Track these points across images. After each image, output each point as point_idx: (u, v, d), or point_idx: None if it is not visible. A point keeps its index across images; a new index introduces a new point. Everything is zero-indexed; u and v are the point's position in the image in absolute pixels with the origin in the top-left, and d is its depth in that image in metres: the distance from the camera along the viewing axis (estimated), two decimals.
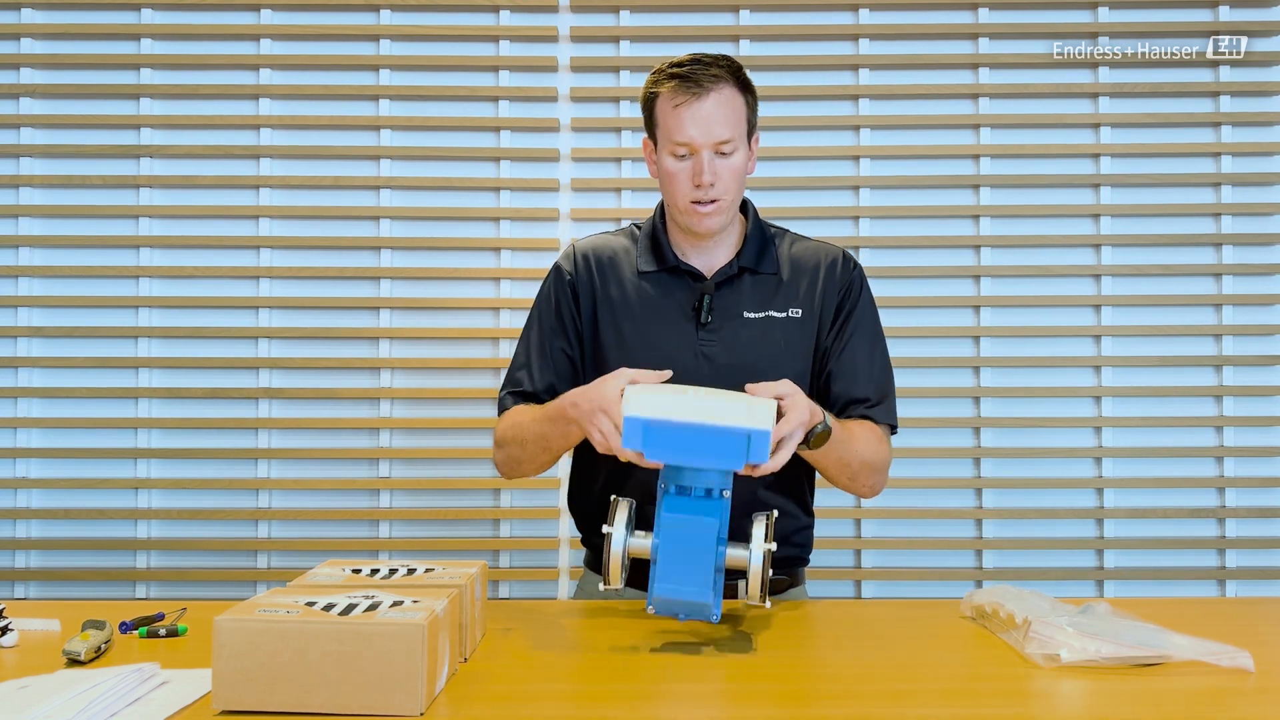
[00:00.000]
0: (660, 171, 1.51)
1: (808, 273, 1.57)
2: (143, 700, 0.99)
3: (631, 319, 1.54)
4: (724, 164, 1.47)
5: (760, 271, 1.55)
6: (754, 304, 1.53)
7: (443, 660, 1.03)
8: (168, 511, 2.37)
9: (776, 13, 2.44)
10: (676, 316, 1.53)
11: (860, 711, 1.00)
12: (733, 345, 1.51)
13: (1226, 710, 0.99)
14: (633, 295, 1.55)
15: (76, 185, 2.42)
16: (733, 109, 1.48)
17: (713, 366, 1.51)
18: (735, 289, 1.54)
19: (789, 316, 1.54)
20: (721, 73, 1.47)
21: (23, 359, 2.40)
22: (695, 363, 1.51)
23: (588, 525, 1.61)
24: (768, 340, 1.52)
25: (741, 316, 1.53)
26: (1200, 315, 2.42)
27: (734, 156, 1.48)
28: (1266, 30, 2.41)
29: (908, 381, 2.40)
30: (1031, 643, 1.14)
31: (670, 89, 1.47)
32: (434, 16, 2.45)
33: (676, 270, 1.55)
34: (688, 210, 1.49)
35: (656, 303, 1.54)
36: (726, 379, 1.48)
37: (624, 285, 1.56)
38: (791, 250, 1.60)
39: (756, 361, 1.50)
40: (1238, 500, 2.38)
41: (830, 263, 1.58)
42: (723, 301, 1.53)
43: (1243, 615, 1.44)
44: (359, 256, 2.43)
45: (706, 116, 1.45)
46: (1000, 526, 2.39)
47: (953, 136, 2.44)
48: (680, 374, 1.48)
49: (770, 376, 1.45)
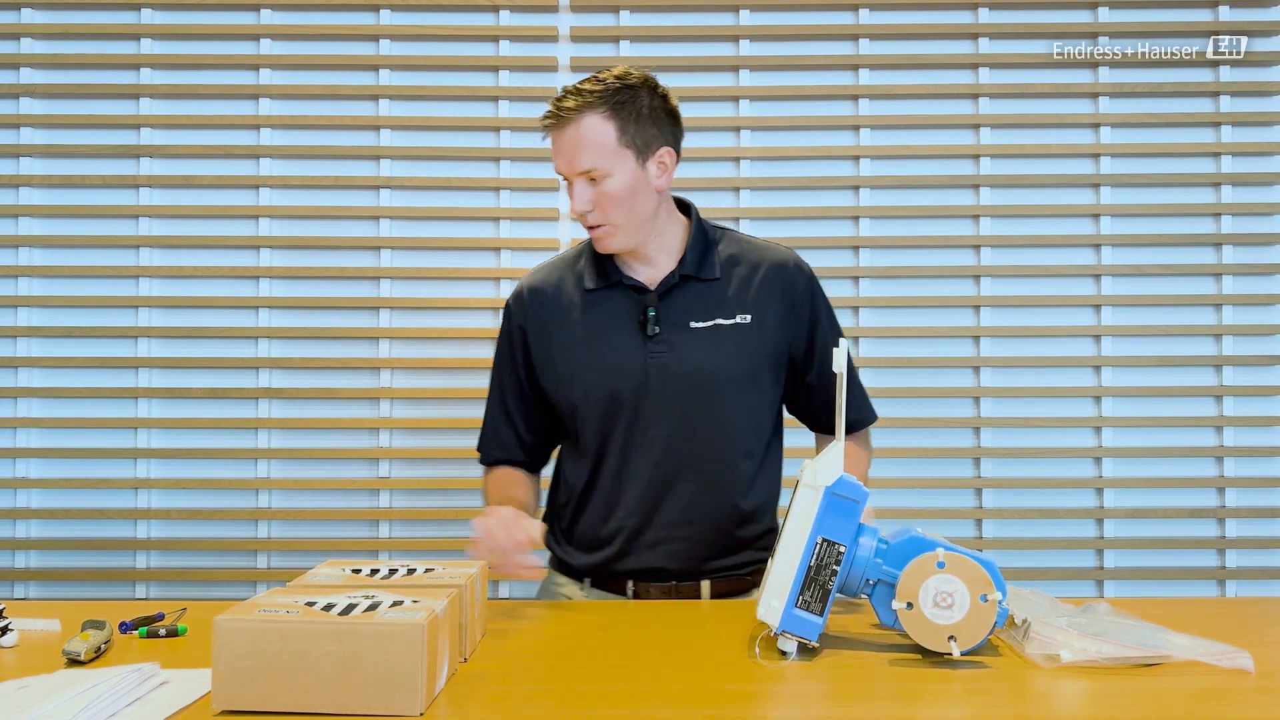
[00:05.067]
0: None
1: (753, 277, 1.57)
2: (143, 700, 0.99)
3: (581, 339, 1.55)
4: (599, 191, 1.47)
5: (703, 278, 1.55)
6: (700, 312, 1.54)
7: (443, 660, 1.03)
8: (168, 511, 2.37)
9: (776, 13, 2.44)
10: (624, 331, 1.54)
11: (860, 712, 1.00)
12: (683, 355, 1.52)
13: (1226, 710, 0.99)
14: (581, 316, 1.57)
15: (76, 185, 2.42)
16: (594, 136, 1.46)
17: (666, 377, 1.52)
18: (679, 298, 1.54)
19: (737, 323, 1.54)
20: (583, 100, 1.45)
21: (23, 359, 2.40)
22: (648, 375, 1.52)
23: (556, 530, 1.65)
24: (717, 349, 1.53)
25: (689, 326, 1.53)
26: (1200, 315, 2.42)
27: (608, 182, 1.47)
28: (1266, 30, 2.41)
29: (908, 381, 2.41)
30: (1031, 643, 1.14)
31: (544, 121, 1.49)
32: (434, 16, 2.45)
33: (620, 285, 1.56)
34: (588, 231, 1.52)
35: (604, 319, 1.56)
36: (679, 389, 1.51)
37: (571, 308, 1.58)
38: (739, 254, 1.59)
39: (708, 370, 1.52)
40: (1238, 500, 2.38)
41: (777, 268, 1.58)
42: (668, 312, 1.53)
43: (1243, 615, 1.43)
44: (359, 256, 2.43)
45: (568, 147, 1.47)
46: (1000, 526, 2.39)
47: (953, 136, 2.44)
48: (635, 387, 1.52)
49: (723, 383, 1.51)
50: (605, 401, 1.52)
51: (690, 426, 1.52)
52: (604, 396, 1.52)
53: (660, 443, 1.52)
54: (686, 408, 1.51)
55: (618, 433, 1.53)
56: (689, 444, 1.52)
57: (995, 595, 1.12)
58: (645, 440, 1.53)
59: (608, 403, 1.52)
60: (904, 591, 1.13)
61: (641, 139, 1.49)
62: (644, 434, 1.52)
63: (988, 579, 1.12)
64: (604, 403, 1.53)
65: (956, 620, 1.12)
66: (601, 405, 1.53)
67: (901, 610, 1.13)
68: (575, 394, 1.55)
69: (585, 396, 1.54)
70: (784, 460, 1.67)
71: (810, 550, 1.15)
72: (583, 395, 1.54)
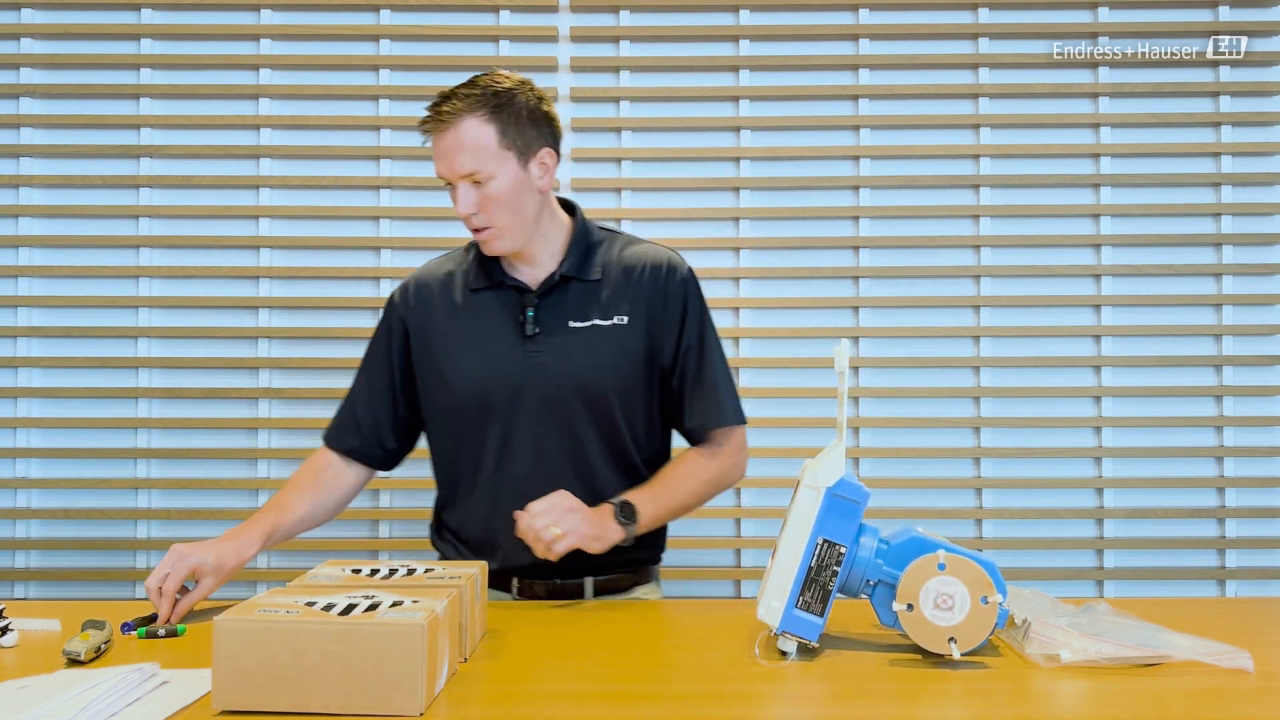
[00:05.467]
0: None
1: (633, 278, 1.59)
2: (143, 700, 0.99)
3: (462, 337, 1.58)
4: (482, 193, 1.49)
5: (583, 279, 1.57)
6: (578, 313, 1.56)
7: (443, 660, 1.03)
8: (168, 511, 2.37)
9: (776, 13, 2.44)
10: (504, 330, 1.56)
11: (860, 712, 1.00)
12: (560, 355, 1.54)
13: (1226, 710, 0.99)
14: (462, 314, 1.59)
15: (76, 185, 2.42)
16: (474, 139, 1.47)
17: (543, 377, 1.54)
18: (559, 299, 1.56)
19: (615, 324, 1.56)
20: (463, 105, 1.47)
21: (23, 359, 2.39)
22: (524, 374, 1.54)
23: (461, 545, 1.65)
24: (593, 348, 1.55)
25: (567, 326, 1.55)
26: (1200, 315, 2.42)
27: (492, 184, 1.48)
28: (1266, 30, 2.41)
29: (908, 381, 2.41)
30: (1031, 643, 1.14)
31: (422, 125, 1.50)
32: (434, 16, 2.45)
33: (502, 285, 1.58)
34: (473, 234, 1.54)
35: (485, 319, 1.58)
36: (556, 388, 1.54)
37: (454, 306, 1.60)
38: (619, 255, 1.61)
39: (584, 369, 1.54)
40: (1238, 500, 2.38)
41: (654, 269, 1.60)
42: (547, 312, 1.56)
43: (1243, 615, 1.43)
44: (359, 256, 2.43)
45: (449, 150, 1.48)
46: (1000, 526, 2.39)
47: (953, 136, 2.44)
48: (512, 386, 1.54)
49: (595, 385, 1.54)
50: (483, 401, 1.55)
51: (567, 425, 1.54)
52: (481, 396, 1.55)
53: (538, 441, 1.55)
54: (563, 406, 1.54)
55: (495, 431, 1.56)
56: (567, 442, 1.55)
57: (996, 597, 1.12)
58: (523, 439, 1.55)
59: (485, 402, 1.55)
60: (904, 593, 1.13)
61: (522, 140, 1.51)
62: (522, 433, 1.55)
63: (988, 581, 1.12)
64: (482, 402, 1.55)
65: (957, 622, 1.12)
66: (479, 404, 1.55)
67: (902, 612, 1.13)
68: (453, 393, 1.57)
69: (463, 396, 1.56)
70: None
71: (811, 551, 1.15)
72: (461, 395, 1.56)
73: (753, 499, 2.37)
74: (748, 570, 2.38)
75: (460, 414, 1.57)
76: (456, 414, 1.58)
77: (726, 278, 2.41)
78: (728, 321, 2.41)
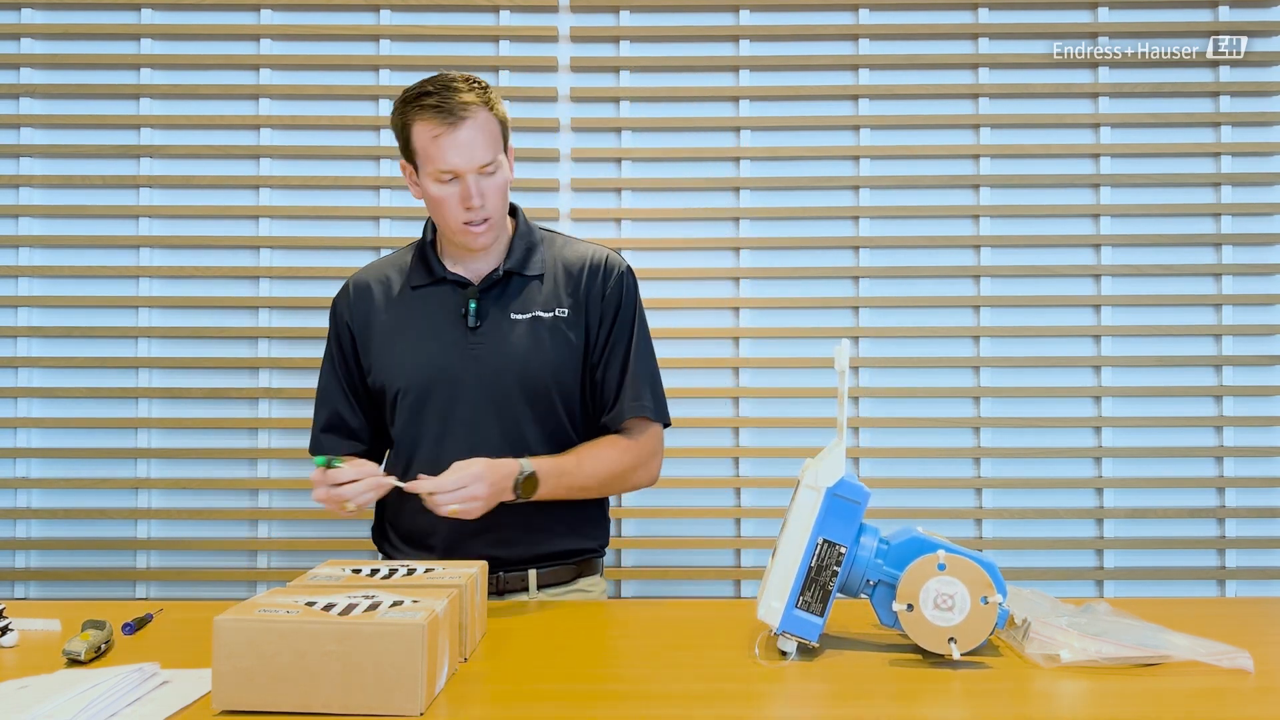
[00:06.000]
0: (427, 196, 1.55)
1: (573, 274, 1.63)
2: (143, 700, 1.00)
3: (403, 333, 1.60)
4: (489, 183, 1.53)
5: (525, 274, 1.61)
6: (520, 306, 1.59)
7: (443, 660, 1.03)
8: (168, 511, 2.37)
9: (776, 13, 2.44)
10: (446, 324, 1.59)
11: (860, 712, 1.00)
12: (500, 346, 1.57)
13: (1226, 710, 0.99)
14: (404, 310, 1.62)
15: (76, 185, 2.42)
16: (488, 131, 1.52)
17: (481, 368, 1.57)
18: (501, 293, 1.60)
19: (555, 316, 1.60)
20: (473, 98, 1.50)
21: (23, 359, 2.39)
22: (465, 366, 1.57)
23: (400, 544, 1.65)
24: (534, 339, 1.58)
25: (509, 318, 1.59)
26: (1200, 315, 2.42)
27: (498, 175, 1.54)
28: (1266, 30, 2.41)
29: (908, 381, 2.41)
30: (1031, 643, 1.14)
31: (427, 119, 1.50)
32: (434, 16, 2.45)
33: (443, 281, 1.61)
34: (461, 231, 1.54)
35: (426, 314, 1.61)
36: (495, 380, 1.57)
37: (394, 303, 1.63)
38: (561, 253, 1.66)
39: (523, 360, 1.57)
40: (1238, 500, 2.38)
41: (594, 265, 1.64)
42: (489, 305, 1.59)
43: (1243, 615, 1.44)
44: (358, 256, 2.43)
45: (466, 143, 1.50)
46: (1000, 526, 2.39)
47: (953, 136, 2.44)
48: (453, 378, 1.57)
49: (535, 375, 1.57)
50: (421, 392, 1.57)
51: (507, 415, 1.56)
52: (420, 387, 1.57)
53: (477, 431, 1.56)
54: (504, 396, 1.56)
55: (433, 423, 1.58)
56: (507, 431, 1.56)
57: (996, 598, 1.12)
58: (462, 429, 1.56)
59: (424, 394, 1.57)
60: (905, 593, 1.13)
61: (505, 136, 1.58)
62: (461, 423, 1.56)
63: (988, 581, 1.12)
64: (420, 393, 1.57)
65: (957, 622, 1.12)
66: (418, 396, 1.58)
67: (902, 612, 1.13)
68: (394, 387, 1.59)
69: (404, 388, 1.59)
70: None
71: (811, 551, 1.15)
72: (402, 387, 1.59)
73: (753, 499, 2.37)
74: (748, 570, 2.38)
75: (399, 407, 1.60)
76: (397, 408, 1.61)
77: (726, 278, 2.41)
78: (728, 321, 2.41)
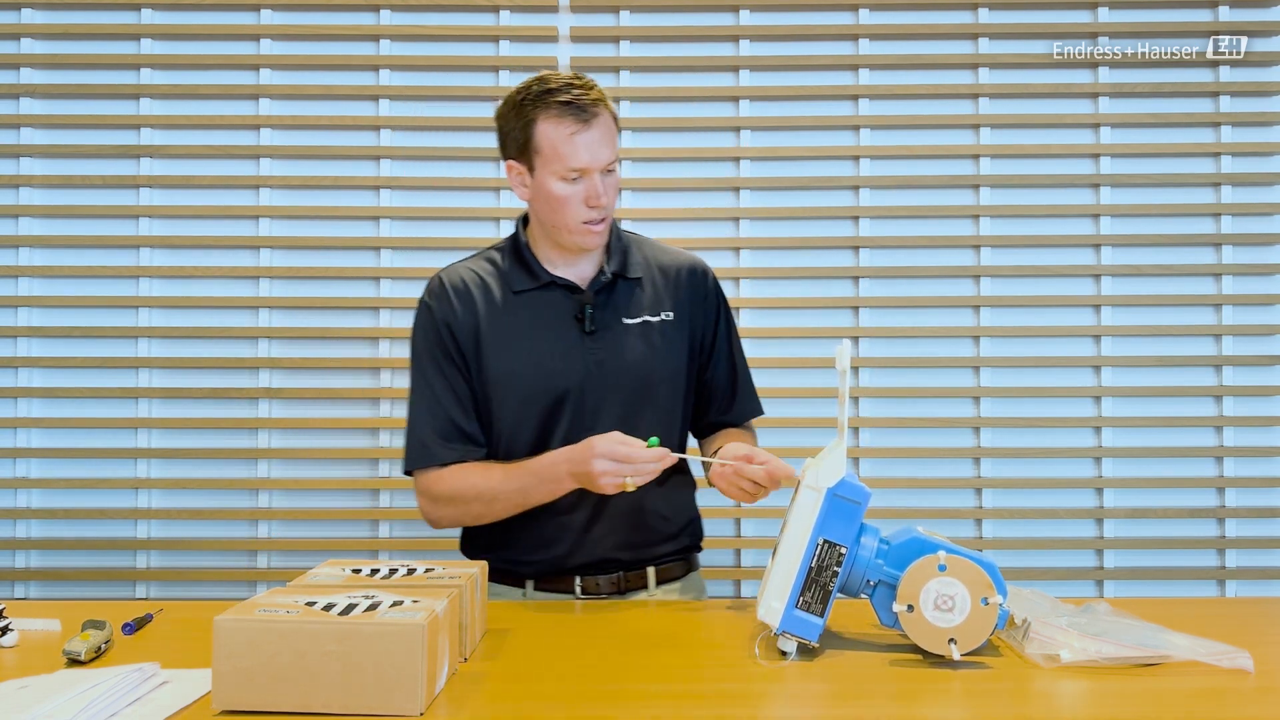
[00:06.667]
0: (546, 195, 1.51)
1: (671, 278, 1.64)
2: (143, 700, 0.99)
3: (517, 339, 1.56)
4: (609, 181, 1.53)
5: (627, 277, 1.61)
6: (630, 310, 1.60)
7: (443, 660, 1.03)
8: (168, 511, 2.37)
9: (776, 13, 2.44)
10: (560, 329, 1.57)
11: (860, 712, 1.00)
12: (618, 351, 1.56)
13: (1226, 710, 0.99)
14: (511, 315, 1.58)
15: (76, 185, 2.42)
16: (612, 130, 1.53)
17: (603, 372, 1.56)
18: (610, 297, 1.60)
19: (663, 319, 1.61)
20: (600, 97, 1.51)
21: (23, 359, 2.39)
22: (586, 371, 1.55)
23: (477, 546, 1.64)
24: (648, 343, 1.58)
25: (622, 322, 1.58)
26: (1200, 315, 2.42)
27: (616, 174, 1.54)
28: (1266, 30, 2.41)
29: (908, 381, 2.41)
30: (1031, 643, 1.14)
31: (558, 116, 1.48)
32: (434, 16, 2.45)
33: (551, 285, 1.59)
34: (580, 230, 1.53)
35: (538, 319, 1.57)
36: (616, 383, 1.56)
37: (499, 307, 1.58)
38: (652, 255, 1.67)
39: (642, 364, 1.57)
40: (1238, 500, 2.38)
41: (690, 270, 1.66)
42: (602, 309, 1.58)
43: (1243, 615, 1.44)
44: (359, 256, 2.43)
45: (596, 142, 1.49)
46: (1000, 526, 2.39)
47: (953, 136, 2.44)
48: (574, 384, 1.55)
49: (654, 378, 1.58)
50: (547, 400, 1.54)
51: (631, 418, 1.56)
52: (545, 395, 1.54)
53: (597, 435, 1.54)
54: (626, 401, 1.56)
55: (559, 429, 1.55)
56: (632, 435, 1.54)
57: (996, 599, 1.12)
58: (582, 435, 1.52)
59: (549, 401, 1.54)
60: (905, 594, 1.13)
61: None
62: (587, 429, 1.53)
63: (989, 582, 1.12)
64: (545, 401, 1.54)
65: (957, 623, 1.12)
66: (543, 403, 1.55)
67: (902, 613, 1.13)
68: (514, 394, 1.55)
69: (525, 396, 1.55)
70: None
71: (811, 551, 1.15)
72: (523, 395, 1.55)
73: None
74: (748, 570, 2.38)
75: (520, 415, 1.55)
76: (513, 414, 1.56)
77: (727, 278, 2.41)
78: None
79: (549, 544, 1.57)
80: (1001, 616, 1.13)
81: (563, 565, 1.56)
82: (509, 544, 1.59)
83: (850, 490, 1.16)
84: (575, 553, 1.56)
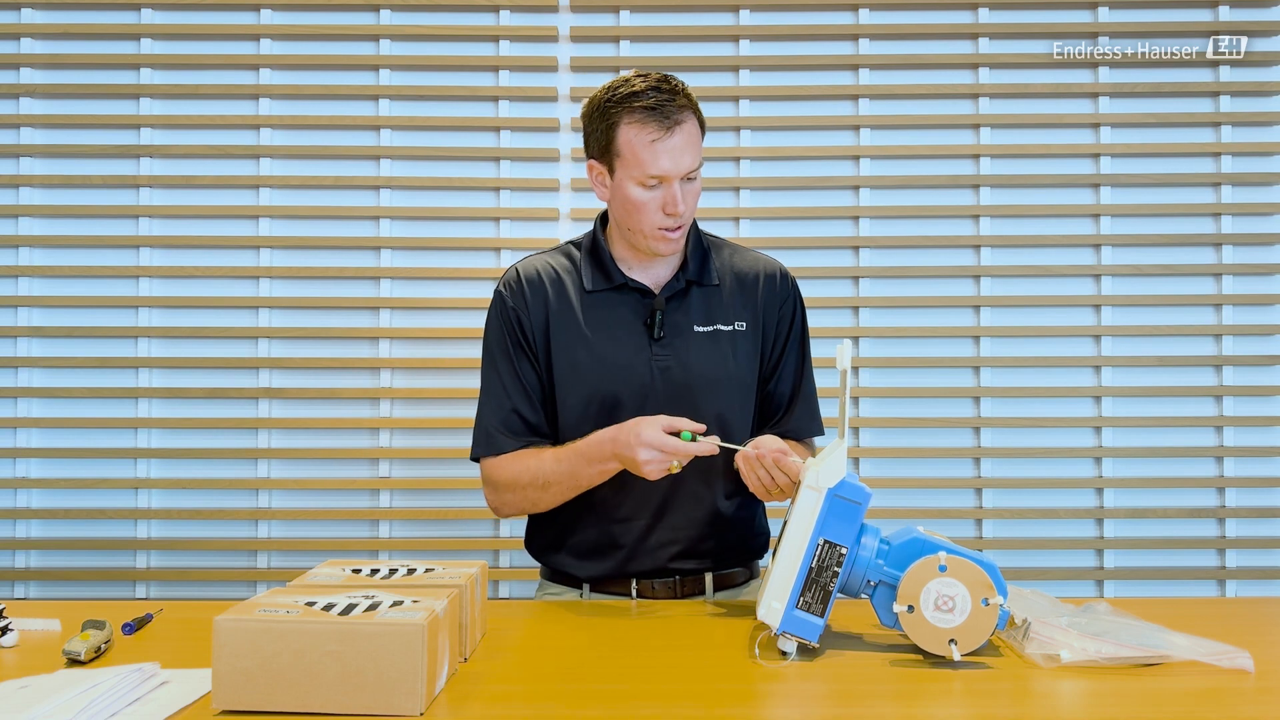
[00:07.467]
0: (624, 199, 1.49)
1: (749, 285, 1.60)
2: (143, 700, 0.99)
3: (584, 338, 1.54)
4: (690, 188, 1.49)
5: (704, 284, 1.58)
6: (702, 317, 1.56)
7: (443, 660, 1.03)
8: (168, 511, 2.37)
9: (776, 13, 2.44)
10: (629, 333, 1.54)
11: (860, 712, 1.00)
12: (685, 359, 1.53)
13: (1226, 710, 0.99)
14: (582, 314, 1.56)
15: (76, 185, 2.42)
16: (696, 137, 1.49)
17: (667, 380, 1.53)
18: (683, 303, 1.56)
19: (735, 329, 1.57)
20: (686, 103, 1.47)
21: (23, 359, 2.40)
22: (651, 378, 1.53)
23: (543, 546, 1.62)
24: (718, 353, 1.55)
25: (692, 330, 1.55)
26: (1200, 315, 2.42)
27: (697, 180, 1.50)
28: (1266, 30, 2.41)
29: (908, 381, 2.41)
30: (1031, 643, 1.14)
31: (640, 121, 1.45)
32: (434, 16, 2.45)
33: (624, 287, 1.56)
34: (656, 236, 1.50)
35: (608, 320, 1.55)
36: (681, 392, 1.53)
37: (571, 305, 1.56)
38: (731, 261, 1.62)
39: (709, 374, 1.54)
40: (1238, 500, 2.38)
41: (769, 277, 1.61)
42: (672, 316, 1.55)
43: (1243, 615, 1.44)
44: (359, 256, 2.43)
45: (679, 149, 1.46)
46: (1000, 526, 2.40)
47: (953, 136, 2.44)
48: (637, 389, 1.52)
49: (722, 388, 1.54)
50: (609, 403, 1.52)
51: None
52: (606, 397, 1.52)
53: None
54: (687, 408, 1.51)
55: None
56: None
57: (997, 599, 1.12)
58: None
59: (611, 404, 1.52)
60: (905, 594, 1.13)
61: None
62: None
63: (989, 582, 1.12)
64: (608, 404, 1.52)
65: (957, 624, 1.12)
66: (603, 405, 1.52)
67: (903, 613, 1.13)
68: (574, 393, 1.53)
69: (586, 395, 1.53)
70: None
71: (812, 552, 1.15)
72: (584, 394, 1.53)
73: None
74: None
75: (582, 416, 1.53)
76: (579, 414, 1.54)
77: None
78: None
79: (607, 551, 1.55)
80: (1002, 617, 1.13)
81: (622, 571, 1.55)
82: (565, 547, 1.58)
83: (851, 491, 1.16)
84: (633, 560, 1.54)
